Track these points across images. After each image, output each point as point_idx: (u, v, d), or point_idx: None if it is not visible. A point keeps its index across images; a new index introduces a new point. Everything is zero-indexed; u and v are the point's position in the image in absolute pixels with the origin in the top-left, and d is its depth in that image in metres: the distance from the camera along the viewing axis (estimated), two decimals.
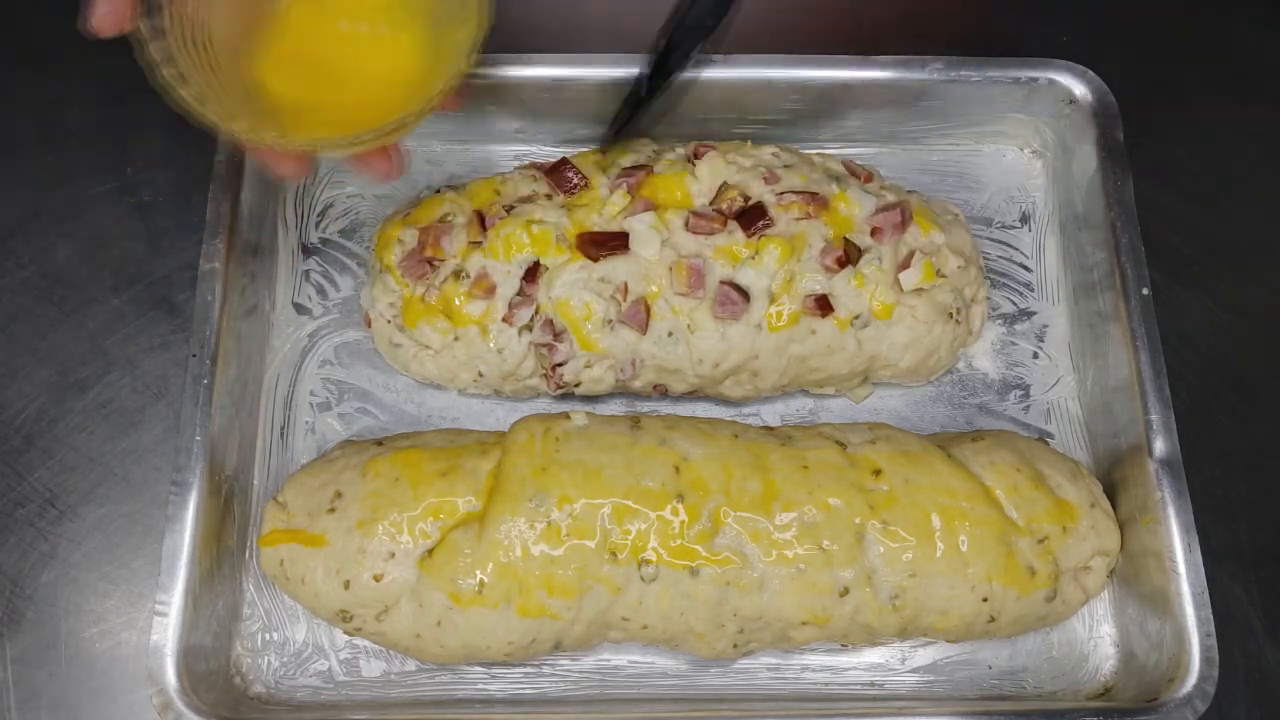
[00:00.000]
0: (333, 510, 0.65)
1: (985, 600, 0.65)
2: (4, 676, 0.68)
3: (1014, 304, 0.80)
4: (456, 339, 0.71)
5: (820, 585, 0.64)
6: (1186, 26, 0.89)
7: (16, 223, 0.79)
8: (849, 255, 0.71)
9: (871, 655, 0.70)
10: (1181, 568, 0.65)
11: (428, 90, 0.55)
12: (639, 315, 0.70)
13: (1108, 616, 0.71)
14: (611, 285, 0.70)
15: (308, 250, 0.79)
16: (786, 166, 0.74)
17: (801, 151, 0.77)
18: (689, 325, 0.70)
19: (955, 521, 0.65)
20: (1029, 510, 0.66)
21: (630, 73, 0.72)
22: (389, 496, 0.65)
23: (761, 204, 0.71)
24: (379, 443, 0.69)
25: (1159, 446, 0.68)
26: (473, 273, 0.71)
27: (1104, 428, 0.74)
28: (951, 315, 0.73)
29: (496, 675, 0.69)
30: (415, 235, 0.72)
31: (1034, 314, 0.80)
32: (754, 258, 0.70)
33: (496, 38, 0.57)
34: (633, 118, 0.73)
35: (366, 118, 0.55)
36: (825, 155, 0.78)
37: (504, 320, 0.70)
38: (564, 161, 0.74)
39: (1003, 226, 0.82)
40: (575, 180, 0.73)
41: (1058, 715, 0.65)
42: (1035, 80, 0.78)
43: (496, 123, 0.81)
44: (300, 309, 0.78)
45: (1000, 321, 0.80)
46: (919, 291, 0.72)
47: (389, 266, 0.72)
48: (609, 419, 0.69)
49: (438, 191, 0.76)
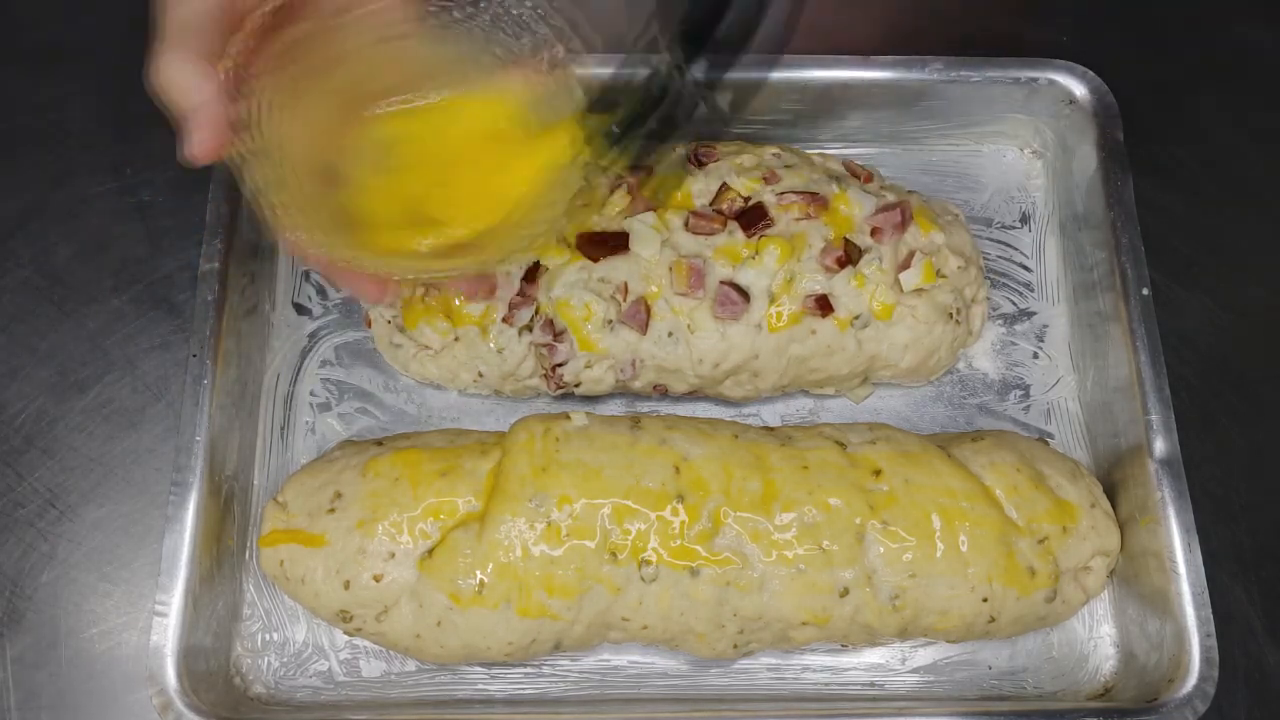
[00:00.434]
0: (333, 510, 0.65)
1: (985, 600, 0.65)
2: (4, 676, 0.68)
3: (1014, 304, 0.80)
4: (456, 339, 0.71)
5: (820, 585, 0.64)
6: (1186, 26, 0.89)
7: (16, 223, 0.79)
8: (849, 255, 0.71)
9: (871, 655, 0.70)
10: (1181, 568, 0.65)
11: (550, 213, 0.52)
12: (639, 315, 0.70)
13: (1108, 617, 0.71)
14: (611, 285, 0.70)
15: None
16: (787, 166, 0.74)
17: (802, 151, 0.77)
18: (689, 325, 0.70)
19: (955, 522, 0.65)
20: (1029, 510, 0.66)
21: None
22: (389, 496, 0.65)
23: (761, 204, 0.71)
24: (379, 443, 0.69)
25: (1159, 446, 0.68)
26: None
27: (1104, 428, 0.74)
28: (951, 315, 0.73)
29: (496, 675, 0.69)
30: None
31: (1034, 314, 0.80)
32: (754, 258, 0.70)
33: None
34: (657, 124, 0.56)
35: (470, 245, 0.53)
36: (825, 155, 0.78)
37: (504, 320, 0.70)
38: None
39: (1003, 226, 0.82)
40: None
41: (1058, 715, 0.65)
42: (1035, 80, 0.78)
43: None
44: (300, 309, 0.78)
45: (1000, 321, 0.80)
46: (919, 292, 0.72)
47: None
48: (609, 419, 0.69)
49: None
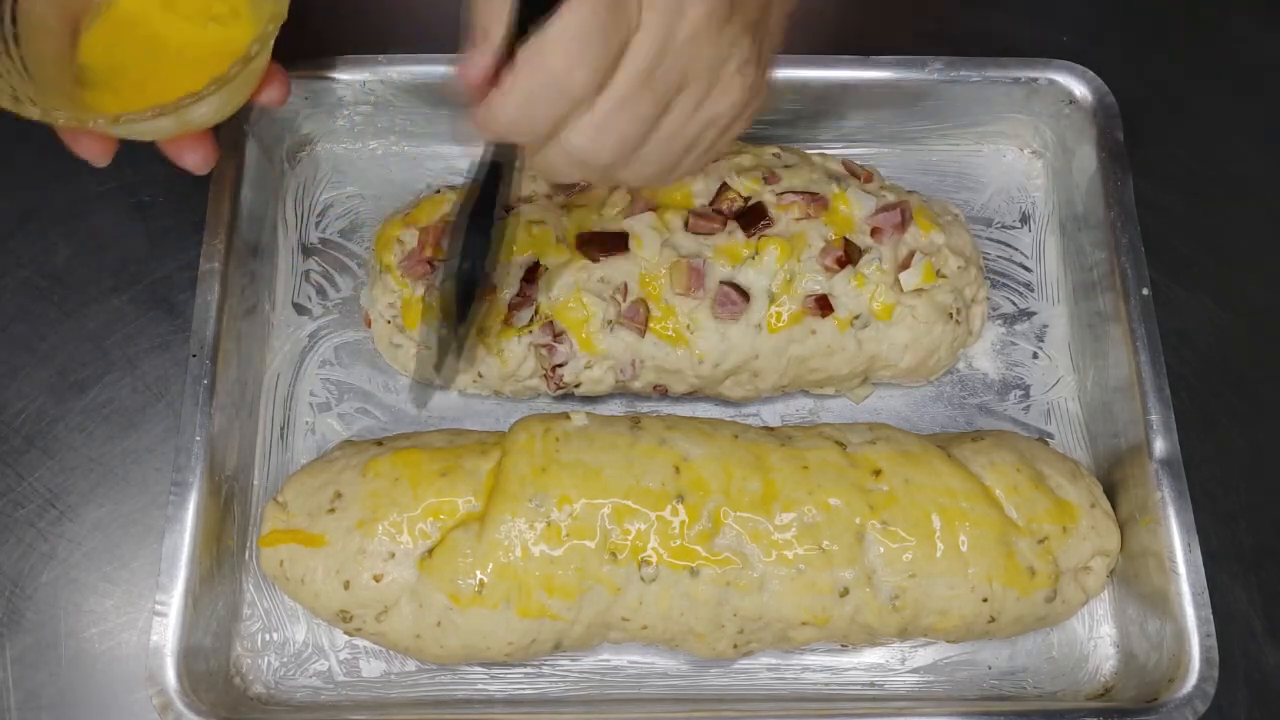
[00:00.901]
0: (333, 510, 0.65)
1: (985, 600, 0.65)
2: (4, 676, 0.68)
3: (1014, 304, 0.80)
4: None
5: (820, 585, 0.64)
6: (1186, 26, 0.89)
7: (16, 223, 0.79)
8: (849, 255, 0.71)
9: (871, 655, 0.70)
10: (1181, 568, 0.65)
11: (219, 67, 0.55)
12: (639, 316, 0.70)
13: (1108, 617, 0.71)
14: (611, 286, 0.70)
15: (307, 250, 0.79)
16: (787, 166, 0.74)
17: (802, 151, 0.77)
18: (689, 325, 0.70)
19: (955, 522, 0.65)
20: (1029, 510, 0.66)
21: None
22: (389, 496, 0.65)
23: (761, 204, 0.71)
24: (379, 443, 0.69)
25: (1159, 446, 0.68)
26: None
27: (1104, 428, 0.74)
28: (951, 315, 0.73)
29: (496, 675, 0.69)
30: (415, 235, 0.72)
31: (1034, 314, 0.80)
32: (754, 258, 0.70)
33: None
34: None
35: (169, 92, 0.55)
36: (825, 155, 0.78)
37: (504, 321, 0.70)
38: None
39: (1003, 226, 0.82)
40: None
41: (1058, 715, 0.65)
42: (1035, 80, 0.78)
43: None
44: (300, 309, 0.78)
45: (1000, 321, 0.80)
46: (919, 292, 0.72)
47: (389, 267, 0.72)
48: (609, 419, 0.69)
49: (438, 192, 0.76)
